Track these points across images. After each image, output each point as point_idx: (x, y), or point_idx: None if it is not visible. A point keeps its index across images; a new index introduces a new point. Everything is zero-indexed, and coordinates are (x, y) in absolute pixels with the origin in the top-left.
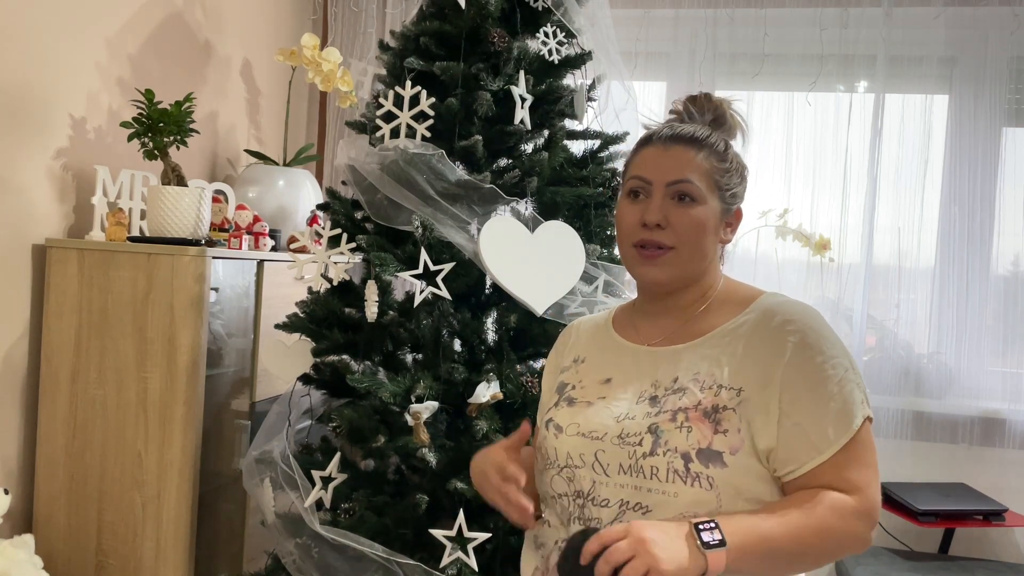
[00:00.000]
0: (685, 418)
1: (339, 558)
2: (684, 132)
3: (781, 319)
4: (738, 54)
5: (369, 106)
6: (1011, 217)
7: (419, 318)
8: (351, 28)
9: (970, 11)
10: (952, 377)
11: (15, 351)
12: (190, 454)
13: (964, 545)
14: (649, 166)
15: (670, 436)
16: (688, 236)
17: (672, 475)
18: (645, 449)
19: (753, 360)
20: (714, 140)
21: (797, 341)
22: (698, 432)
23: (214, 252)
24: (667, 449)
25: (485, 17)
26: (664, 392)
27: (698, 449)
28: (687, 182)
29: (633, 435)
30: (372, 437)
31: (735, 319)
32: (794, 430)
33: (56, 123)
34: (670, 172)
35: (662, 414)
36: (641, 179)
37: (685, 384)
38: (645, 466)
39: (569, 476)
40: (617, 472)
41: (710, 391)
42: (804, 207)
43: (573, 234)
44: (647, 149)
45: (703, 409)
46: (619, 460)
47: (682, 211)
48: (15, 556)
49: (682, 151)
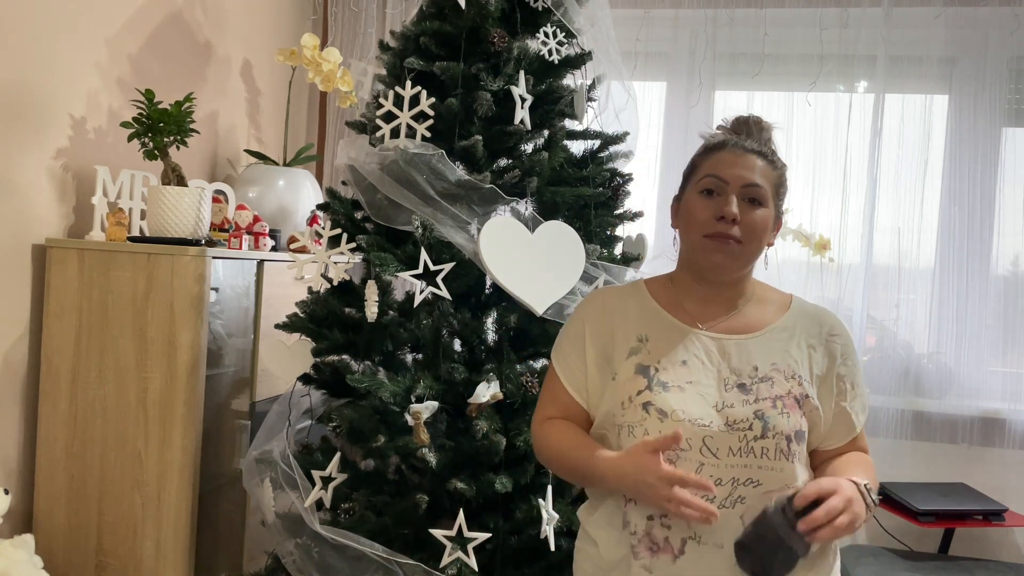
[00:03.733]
0: (783, 405)
1: (339, 558)
2: (753, 146)
3: (828, 329)
4: (738, 54)
5: (369, 106)
6: (1011, 217)
7: (419, 318)
8: (351, 28)
9: (970, 11)
10: (952, 377)
11: (15, 351)
12: (190, 454)
13: (964, 545)
14: (725, 167)
15: (776, 421)
16: (754, 233)
17: (779, 454)
18: (756, 433)
19: (814, 359)
20: (775, 158)
21: (842, 347)
22: (794, 417)
23: (214, 252)
24: (775, 433)
25: (485, 17)
26: (751, 380)
27: (796, 431)
28: (759, 187)
29: (741, 422)
30: (372, 437)
31: (782, 319)
32: (842, 415)
33: (56, 123)
34: (745, 175)
35: (762, 401)
36: (718, 178)
37: (768, 374)
38: (756, 448)
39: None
40: (727, 455)
41: (793, 380)
42: (804, 207)
43: (573, 234)
44: (721, 153)
45: (794, 396)
46: (729, 444)
47: (752, 211)
48: (15, 556)
49: (756, 160)
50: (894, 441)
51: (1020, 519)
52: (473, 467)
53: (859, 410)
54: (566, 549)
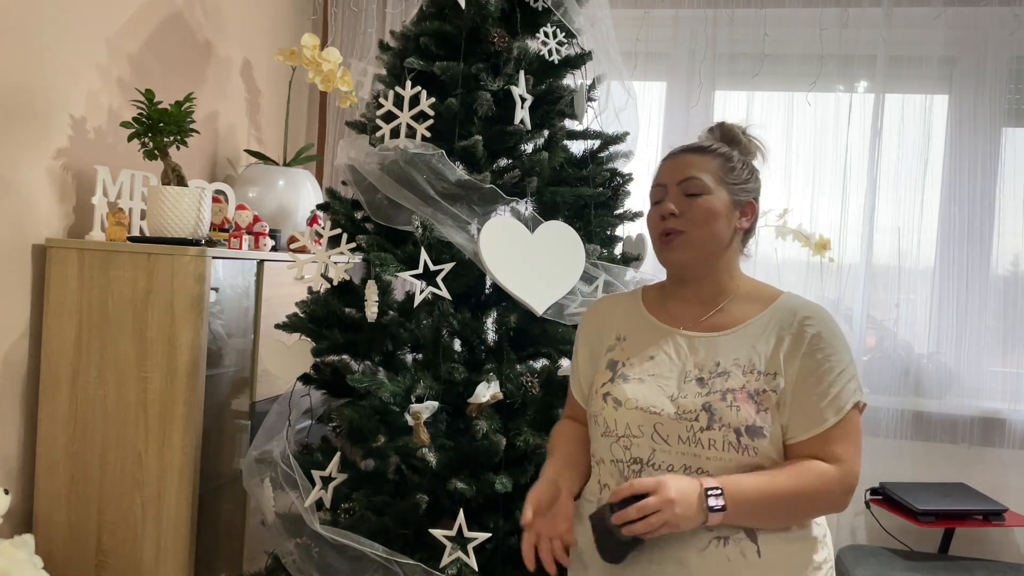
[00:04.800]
0: (733, 398)
1: (339, 558)
2: (690, 144)
3: (802, 316)
4: (738, 54)
5: (369, 106)
6: (1011, 217)
7: (419, 318)
8: (351, 28)
9: (970, 11)
10: (952, 377)
11: (15, 351)
12: (190, 454)
13: (964, 545)
14: (663, 173)
15: (723, 414)
16: (697, 220)
17: (727, 446)
18: (702, 424)
19: (782, 350)
20: (718, 147)
21: (814, 334)
22: (745, 411)
23: (214, 252)
24: (722, 425)
25: (485, 17)
26: (709, 375)
27: (747, 426)
28: (693, 178)
29: (689, 412)
30: (372, 437)
31: (761, 315)
32: (800, 407)
33: (56, 123)
34: (678, 173)
35: (713, 394)
36: (658, 185)
37: (728, 368)
38: (703, 439)
39: (626, 444)
40: (677, 442)
41: (751, 375)
42: (804, 207)
43: (573, 234)
44: (663, 163)
45: (747, 392)
46: (677, 432)
47: (691, 201)
48: (15, 556)
49: (689, 156)
50: (894, 441)
51: (1020, 519)
52: (473, 467)
53: (828, 408)
54: None
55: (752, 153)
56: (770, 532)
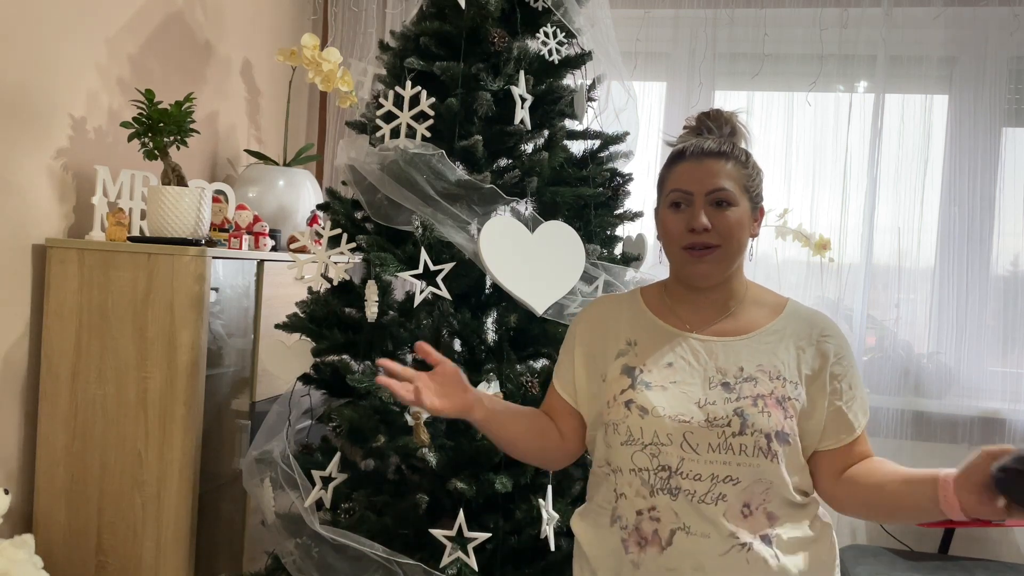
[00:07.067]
0: (764, 404)
1: (339, 558)
2: (712, 147)
3: (820, 331)
4: (738, 54)
5: (369, 106)
6: (1011, 217)
7: (419, 318)
8: (351, 28)
9: (970, 11)
10: (952, 377)
11: (15, 351)
12: (190, 454)
13: (964, 545)
14: (687, 179)
15: (755, 419)
16: (729, 234)
17: (757, 451)
18: (734, 429)
19: (803, 360)
20: (737, 151)
21: (835, 348)
22: (775, 416)
23: (214, 252)
24: (754, 430)
25: (485, 17)
26: (735, 380)
27: (776, 431)
28: (723, 190)
29: (720, 418)
30: (372, 437)
31: (774, 322)
32: (837, 414)
33: (56, 123)
34: (707, 183)
35: (743, 399)
36: (682, 191)
37: (753, 374)
38: (735, 444)
39: (654, 452)
40: (707, 450)
41: (778, 381)
42: (804, 207)
43: (573, 234)
44: (682, 164)
45: (776, 397)
46: (708, 440)
47: (722, 214)
48: (15, 556)
49: (713, 163)
50: (894, 441)
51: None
52: (473, 467)
53: (858, 411)
54: (566, 549)
55: (745, 138)
56: (786, 537)
